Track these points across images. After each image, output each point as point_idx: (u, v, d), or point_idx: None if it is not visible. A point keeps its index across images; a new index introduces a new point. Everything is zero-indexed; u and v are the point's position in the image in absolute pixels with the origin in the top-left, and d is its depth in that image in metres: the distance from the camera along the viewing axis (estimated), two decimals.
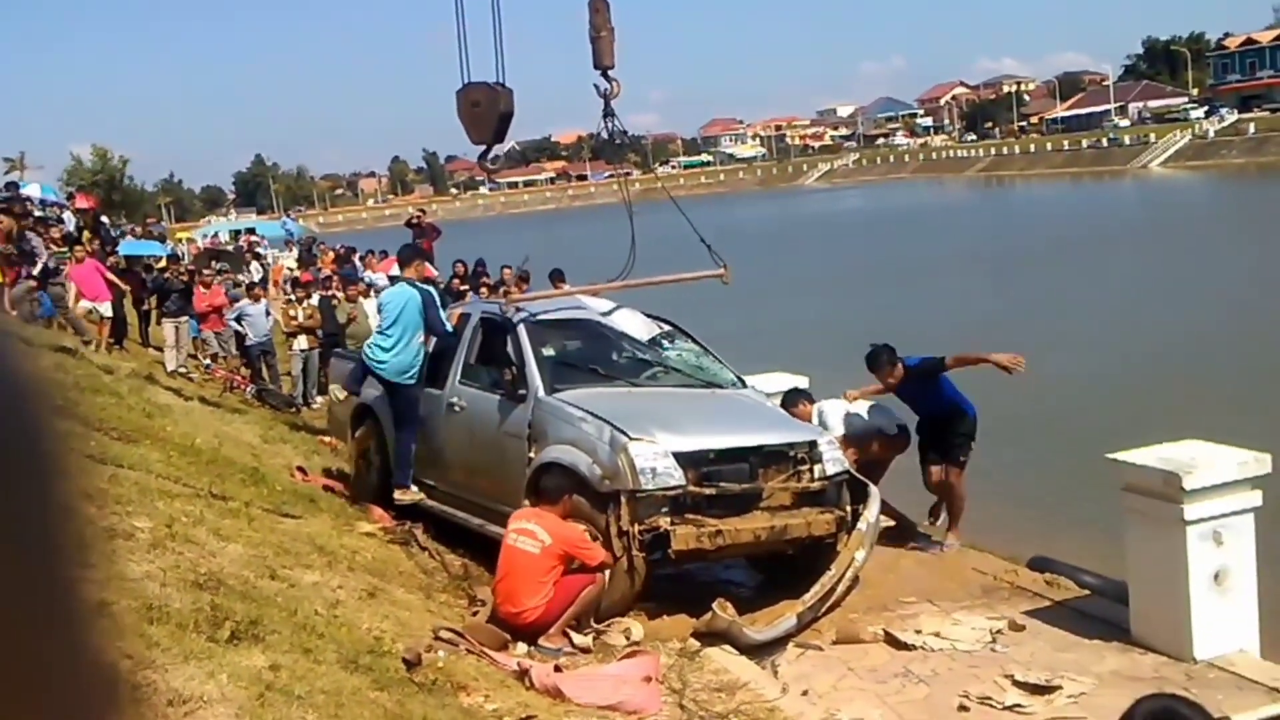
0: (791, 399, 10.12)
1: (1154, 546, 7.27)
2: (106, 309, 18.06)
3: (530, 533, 7.69)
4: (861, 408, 10.28)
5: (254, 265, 31.02)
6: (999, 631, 7.90)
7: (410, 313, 10.28)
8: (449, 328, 10.44)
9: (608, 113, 10.30)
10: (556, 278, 16.96)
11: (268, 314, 19.01)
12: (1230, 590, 6.87)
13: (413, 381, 10.26)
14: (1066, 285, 31.68)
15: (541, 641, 7.46)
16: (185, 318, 19.07)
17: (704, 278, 10.84)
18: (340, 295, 19.36)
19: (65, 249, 19.83)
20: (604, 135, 10.60)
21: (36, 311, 16.23)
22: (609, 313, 10.28)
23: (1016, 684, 6.98)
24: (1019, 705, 6.74)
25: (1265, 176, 75.70)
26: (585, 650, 7.56)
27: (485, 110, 10.19)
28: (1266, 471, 7.21)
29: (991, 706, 6.75)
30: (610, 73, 10.22)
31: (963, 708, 6.76)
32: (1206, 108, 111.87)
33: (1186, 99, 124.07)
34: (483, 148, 10.54)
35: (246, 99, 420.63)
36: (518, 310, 9.97)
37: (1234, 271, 30.64)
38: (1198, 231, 42.19)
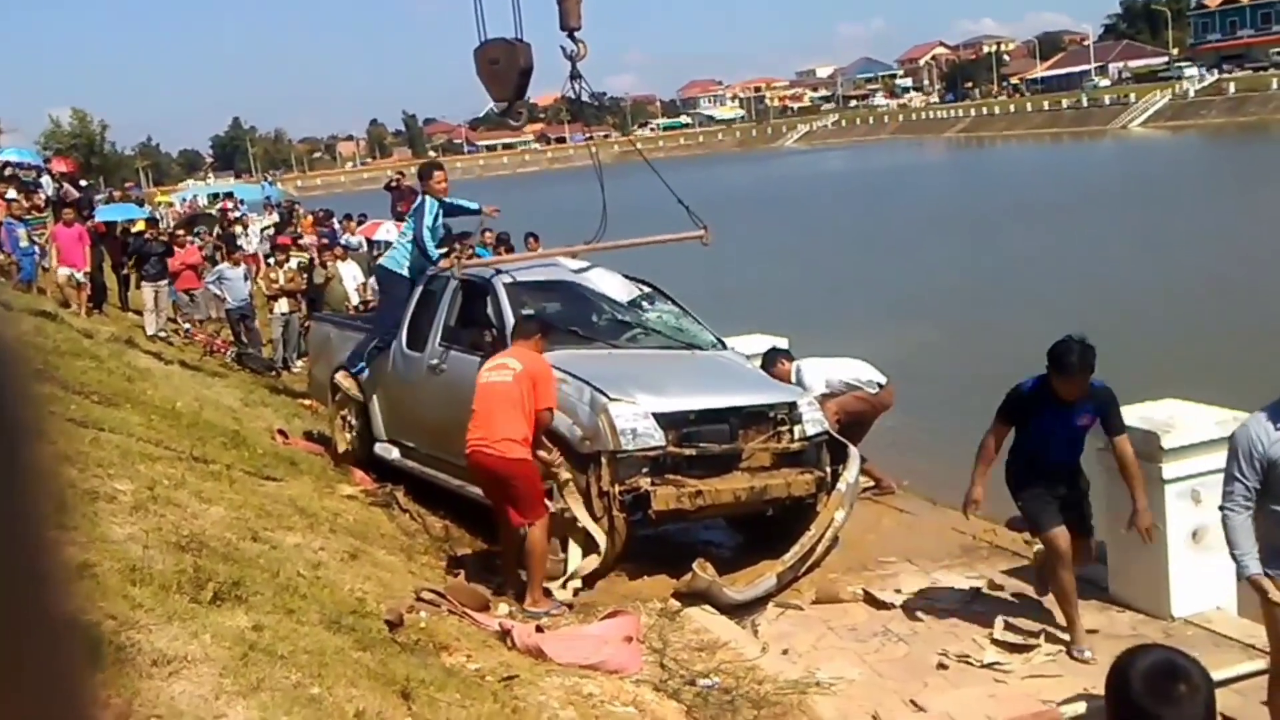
0: (770, 358, 10.14)
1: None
2: (83, 275, 17.96)
3: (503, 365, 7.83)
4: (840, 366, 10.28)
5: (251, 230, 30.27)
6: (978, 590, 7.96)
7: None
8: (430, 243, 10.69)
9: (575, 74, 10.31)
10: (531, 240, 16.99)
11: (247, 278, 18.92)
12: (1208, 548, 6.92)
13: (395, 269, 10.74)
14: (1043, 245, 31.71)
15: (526, 606, 7.48)
16: (164, 282, 18.96)
17: (683, 239, 10.84)
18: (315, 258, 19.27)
19: (44, 214, 19.68)
20: (570, 96, 10.61)
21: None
22: (588, 274, 10.26)
23: (995, 642, 7.05)
24: (997, 663, 6.81)
25: (1246, 136, 75.82)
26: (569, 606, 7.62)
27: (504, 67, 10.24)
28: None
29: (970, 664, 6.82)
30: (577, 34, 10.21)
31: (941, 666, 6.83)
32: (1200, 66, 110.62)
33: (1167, 58, 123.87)
34: (505, 105, 10.61)
35: (223, 62, 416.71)
36: (497, 272, 9.95)
37: (1210, 232, 30.74)
38: (1174, 192, 42.25)
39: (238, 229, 28.85)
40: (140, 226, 20.72)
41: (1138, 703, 2.58)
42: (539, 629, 6.80)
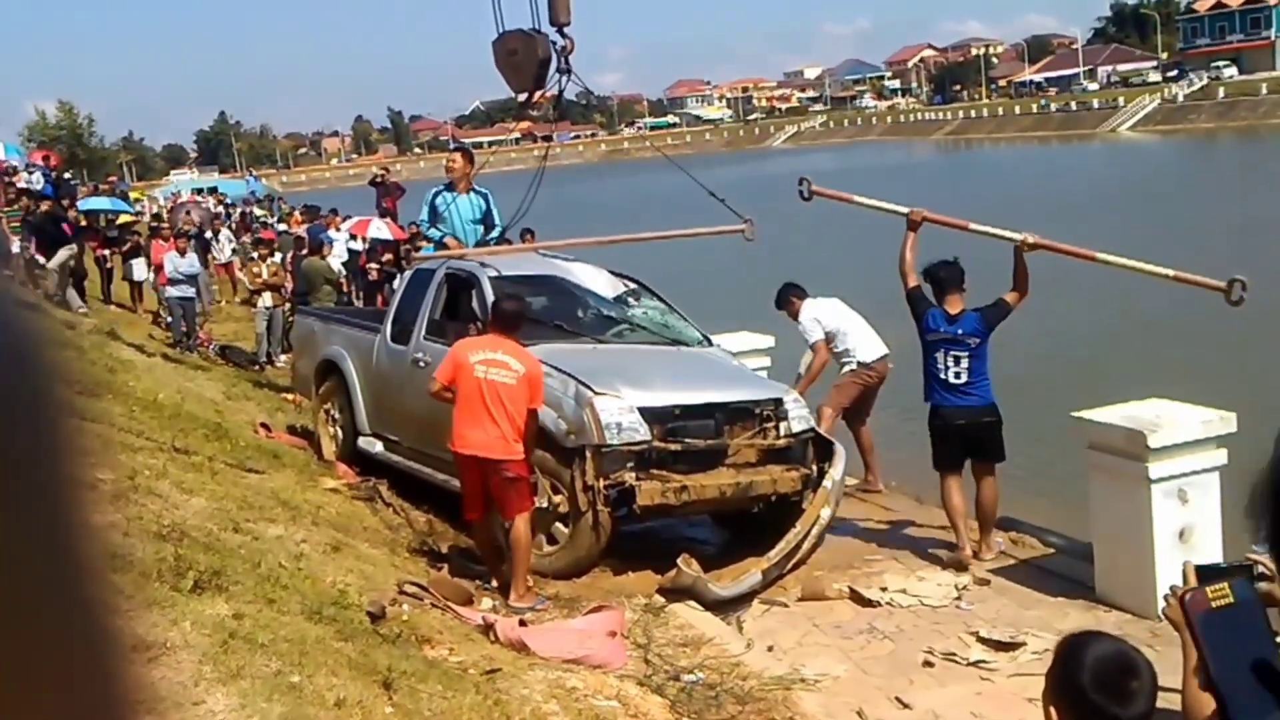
0: (784, 294, 10.25)
1: (1119, 504, 7.32)
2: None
3: (502, 363, 7.42)
4: (844, 318, 10.19)
5: (222, 236, 29.49)
6: (964, 588, 7.95)
7: None
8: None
9: (565, 69, 10.28)
10: (528, 236, 16.93)
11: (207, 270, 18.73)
12: (1195, 548, 6.92)
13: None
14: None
15: (510, 601, 7.44)
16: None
17: (725, 232, 10.74)
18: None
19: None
20: (556, 91, 10.59)
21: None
22: (574, 269, 10.21)
23: (980, 640, 7.03)
24: (983, 661, 6.80)
25: (1236, 141, 76.01)
26: (554, 596, 7.59)
27: (523, 58, 10.23)
28: (1231, 430, 7.26)
29: (956, 662, 6.80)
30: (566, 30, 10.19)
31: (927, 663, 6.81)
32: (1192, 70, 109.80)
33: (1156, 62, 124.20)
34: (525, 96, 10.61)
35: (206, 54, 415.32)
36: (483, 265, 9.87)
37: (1197, 233, 30.84)
38: (1161, 194, 42.38)
39: (208, 233, 28.15)
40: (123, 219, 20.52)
41: (1087, 694, 2.59)
42: (522, 623, 6.76)
